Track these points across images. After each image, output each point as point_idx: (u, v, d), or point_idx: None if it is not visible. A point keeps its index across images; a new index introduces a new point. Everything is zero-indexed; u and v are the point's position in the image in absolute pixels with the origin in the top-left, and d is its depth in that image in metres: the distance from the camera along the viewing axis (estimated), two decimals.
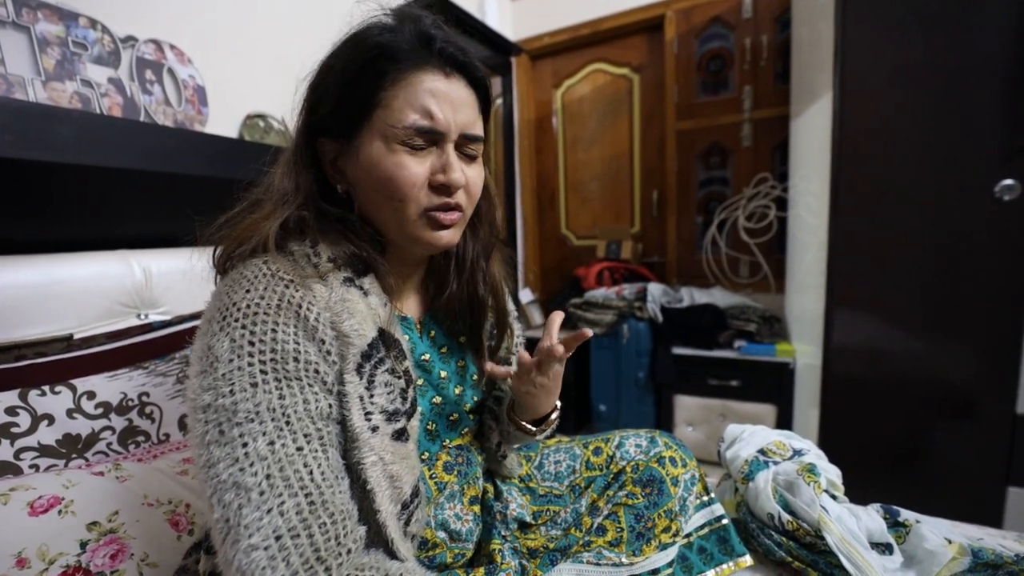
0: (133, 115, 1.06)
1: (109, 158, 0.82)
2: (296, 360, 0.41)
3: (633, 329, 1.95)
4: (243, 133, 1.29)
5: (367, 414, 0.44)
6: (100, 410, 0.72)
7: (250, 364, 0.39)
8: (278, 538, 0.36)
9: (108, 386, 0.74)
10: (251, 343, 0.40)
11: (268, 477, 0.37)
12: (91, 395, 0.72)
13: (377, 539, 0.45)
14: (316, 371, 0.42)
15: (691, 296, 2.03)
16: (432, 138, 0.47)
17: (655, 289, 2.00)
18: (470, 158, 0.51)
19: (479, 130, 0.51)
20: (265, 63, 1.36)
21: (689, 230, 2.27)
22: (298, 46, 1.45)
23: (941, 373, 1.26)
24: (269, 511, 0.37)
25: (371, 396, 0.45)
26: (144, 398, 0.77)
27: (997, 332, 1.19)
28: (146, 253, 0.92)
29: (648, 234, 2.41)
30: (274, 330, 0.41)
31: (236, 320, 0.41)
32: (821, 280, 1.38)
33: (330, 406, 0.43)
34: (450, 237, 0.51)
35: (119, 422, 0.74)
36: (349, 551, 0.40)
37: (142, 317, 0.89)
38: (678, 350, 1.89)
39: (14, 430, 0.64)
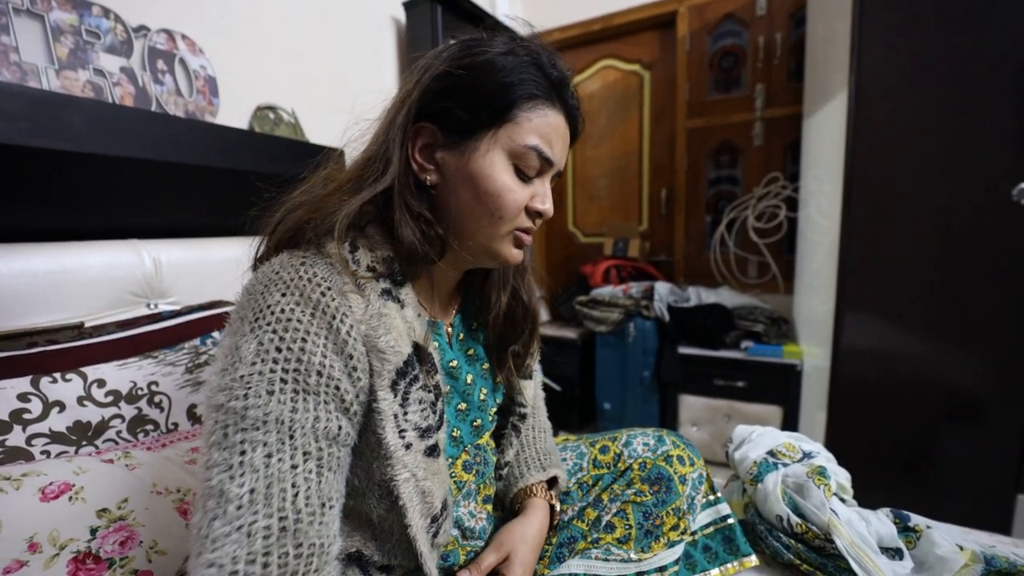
0: (145, 105, 1.06)
1: (120, 147, 0.83)
2: (319, 374, 0.40)
3: (639, 328, 1.94)
4: (253, 124, 1.29)
5: (401, 431, 0.44)
6: (110, 398, 0.72)
7: (272, 371, 0.39)
8: (234, 560, 0.35)
9: (118, 374, 0.75)
10: (278, 349, 0.39)
11: (252, 491, 0.36)
12: (101, 383, 0.72)
13: (407, 553, 0.45)
14: (336, 388, 0.41)
15: (698, 296, 2.02)
16: (542, 168, 0.50)
17: (662, 288, 1.98)
18: None
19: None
20: (276, 54, 1.36)
21: (698, 229, 2.25)
22: (309, 38, 1.45)
23: (951, 378, 1.24)
24: (239, 528, 0.36)
25: (405, 414, 0.44)
26: (153, 387, 0.78)
27: (1010, 337, 1.17)
28: (156, 243, 0.92)
29: (656, 233, 2.39)
30: (304, 339, 0.40)
31: (268, 323, 0.40)
32: (831, 281, 1.37)
33: (339, 428, 0.42)
34: (520, 255, 0.53)
35: (128, 410, 0.74)
36: None
37: (152, 307, 0.89)
38: (684, 350, 1.88)
39: (26, 416, 0.64)
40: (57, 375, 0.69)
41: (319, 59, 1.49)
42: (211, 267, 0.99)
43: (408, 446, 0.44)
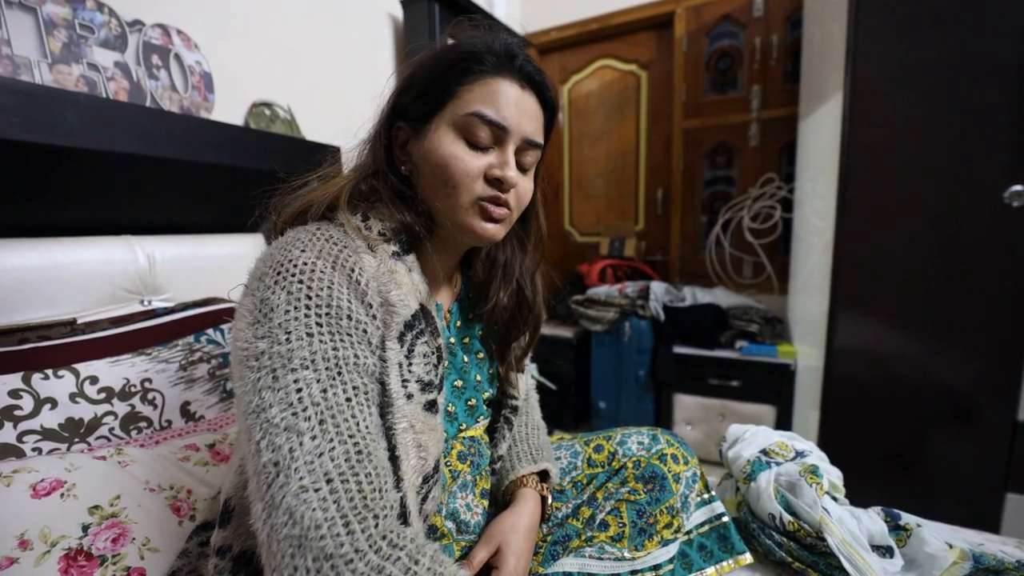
0: (139, 100, 1.06)
1: (114, 142, 0.82)
2: (349, 318, 0.42)
3: (635, 327, 1.94)
4: (249, 121, 1.29)
5: (404, 381, 0.45)
6: (103, 395, 0.72)
7: (307, 316, 0.41)
8: (328, 481, 0.36)
9: (111, 371, 0.74)
10: (308, 296, 0.41)
11: (321, 422, 0.38)
12: (94, 380, 0.72)
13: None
14: (364, 331, 0.44)
15: (694, 295, 2.03)
16: (495, 135, 0.50)
17: (658, 288, 1.99)
18: (525, 168, 0.54)
19: (540, 139, 0.54)
20: (272, 51, 1.35)
21: (693, 229, 2.26)
22: (306, 34, 1.45)
23: (943, 378, 1.26)
24: (320, 455, 0.37)
25: (410, 364, 0.46)
26: (146, 384, 0.77)
27: (1000, 338, 1.19)
28: (150, 239, 0.91)
29: (652, 232, 2.40)
30: (330, 287, 0.42)
31: (292, 275, 0.42)
32: (825, 282, 1.38)
33: (374, 365, 0.44)
34: (496, 231, 0.52)
35: (121, 407, 0.73)
36: (392, 507, 0.40)
37: (145, 303, 0.89)
38: (679, 349, 1.88)
39: (17, 413, 0.64)
40: (49, 371, 0.68)
41: (316, 56, 1.48)
42: (205, 264, 0.98)
43: (409, 396, 0.45)
